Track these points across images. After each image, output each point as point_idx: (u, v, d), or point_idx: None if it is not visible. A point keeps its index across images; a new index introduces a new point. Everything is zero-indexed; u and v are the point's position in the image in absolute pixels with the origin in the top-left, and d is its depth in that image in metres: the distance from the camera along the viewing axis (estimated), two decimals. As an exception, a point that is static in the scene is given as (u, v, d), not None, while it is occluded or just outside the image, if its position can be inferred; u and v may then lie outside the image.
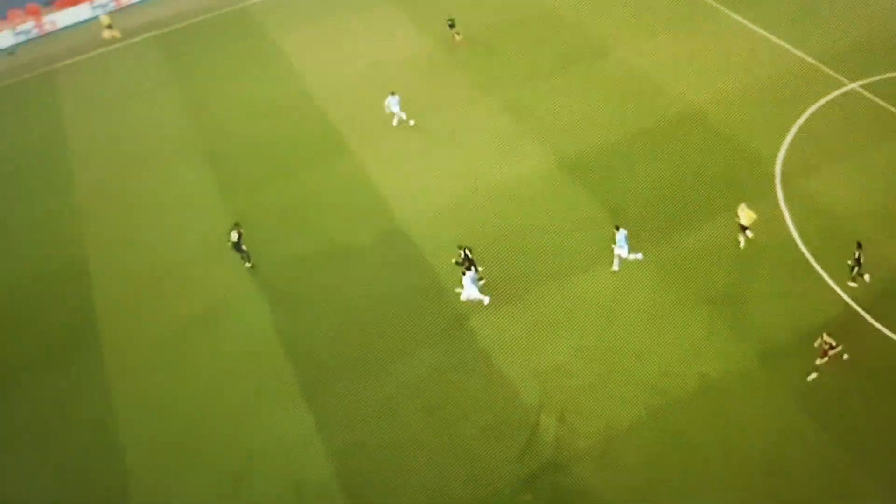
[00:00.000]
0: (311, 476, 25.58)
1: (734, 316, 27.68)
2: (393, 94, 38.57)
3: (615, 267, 29.83)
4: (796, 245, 29.70)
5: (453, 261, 29.93)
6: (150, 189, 39.09)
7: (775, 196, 31.86)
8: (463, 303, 29.72)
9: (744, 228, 29.41)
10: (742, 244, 29.62)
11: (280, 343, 29.88)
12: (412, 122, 38.93)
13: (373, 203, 35.24)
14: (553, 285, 29.87)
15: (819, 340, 24.93)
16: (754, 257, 29.47)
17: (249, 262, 32.90)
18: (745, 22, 42.06)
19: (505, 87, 40.79)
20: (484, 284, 30.19)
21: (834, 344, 24.80)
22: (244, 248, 32.48)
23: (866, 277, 27.63)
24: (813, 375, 25.27)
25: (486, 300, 29.47)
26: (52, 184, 40.73)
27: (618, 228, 29.44)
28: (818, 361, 25.15)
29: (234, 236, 32.18)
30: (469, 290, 28.95)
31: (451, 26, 43.69)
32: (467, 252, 29.74)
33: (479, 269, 30.16)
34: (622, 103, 38.13)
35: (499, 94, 40.37)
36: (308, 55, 46.61)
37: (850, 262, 27.35)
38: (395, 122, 38.90)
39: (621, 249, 29.48)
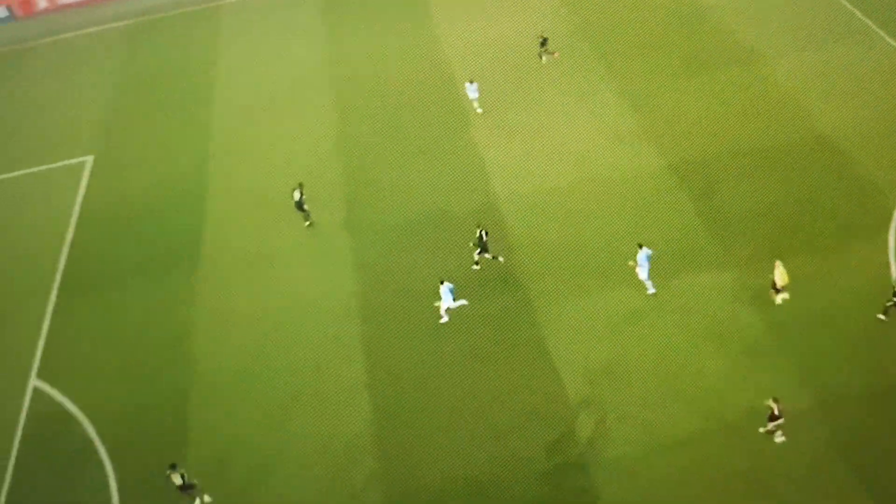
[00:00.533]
0: (347, 426, 26.76)
1: (805, 355, 26.37)
2: (472, 81, 38.91)
3: (650, 290, 29.05)
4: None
5: (471, 243, 30.54)
6: (276, 123, 41.51)
7: (886, 242, 29.79)
8: (530, 287, 30.00)
9: (776, 289, 27.64)
10: (778, 302, 27.88)
11: (354, 295, 31.17)
12: (480, 111, 39.17)
13: (474, 176, 35.79)
14: (628, 289, 29.41)
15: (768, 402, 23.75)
16: (844, 301, 27.79)
17: (308, 220, 34.25)
18: (904, 51, 39.25)
19: (633, 80, 40.04)
20: (501, 264, 30.80)
21: (776, 413, 23.44)
22: (306, 207, 33.92)
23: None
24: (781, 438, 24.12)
25: (464, 302, 29.42)
26: (194, 105, 43.99)
27: (640, 247, 28.61)
28: (770, 426, 23.93)
29: (297, 195, 33.61)
30: (446, 300, 28.85)
31: (542, 45, 41.54)
32: (483, 233, 30.10)
33: (489, 254, 30.52)
34: (751, 116, 36.58)
35: (624, 86, 39.74)
36: (452, 21, 47.31)
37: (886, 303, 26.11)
38: (475, 105, 39.27)
39: (642, 269, 28.59)
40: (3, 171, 42.10)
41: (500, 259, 30.89)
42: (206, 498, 25.15)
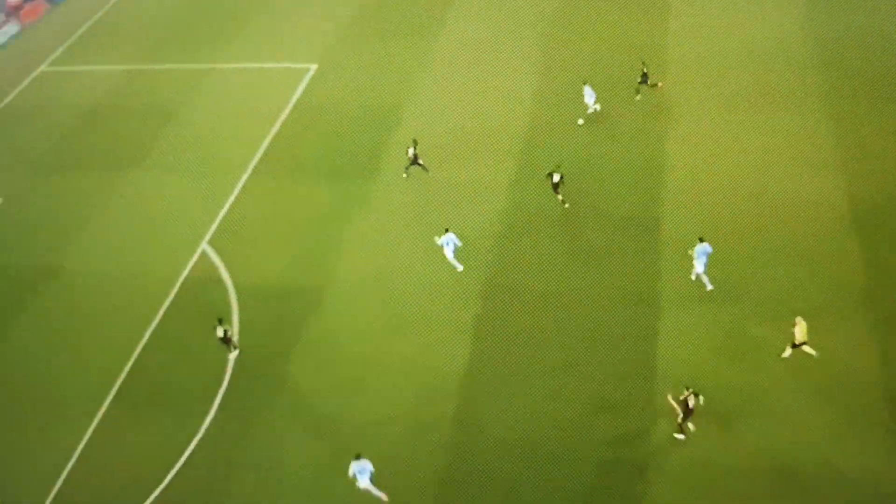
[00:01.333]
0: (443, 361, 28.50)
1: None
2: (585, 82, 37.88)
3: (693, 276, 29.41)
4: None
5: (547, 173, 32.98)
6: (483, 75, 42.88)
7: None
8: (665, 284, 29.96)
9: (795, 345, 26.01)
10: (786, 354, 26.69)
11: (494, 238, 32.54)
12: (581, 122, 38.03)
13: (649, 169, 35.18)
14: (759, 318, 28.22)
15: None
16: None
17: (426, 170, 35.98)
18: None
19: (846, 100, 37.16)
20: (567, 208, 33.07)
21: (686, 403, 24.23)
22: (420, 162, 35.55)
23: None
24: (680, 436, 25.09)
25: (460, 267, 31.29)
26: (418, 38, 46.55)
27: (701, 240, 28.66)
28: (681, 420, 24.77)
29: (411, 152, 35.25)
30: (448, 252, 30.72)
31: (643, 80, 38.32)
32: (557, 176, 32.21)
33: (561, 196, 32.81)
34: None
35: (834, 104, 37.03)
36: (689, 14, 45.72)
37: None
38: (589, 112, 38.03)
39: (698, 263, 28.49)
40: (245, 61, 47.29)
41: (566, 205, 33.26)
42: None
